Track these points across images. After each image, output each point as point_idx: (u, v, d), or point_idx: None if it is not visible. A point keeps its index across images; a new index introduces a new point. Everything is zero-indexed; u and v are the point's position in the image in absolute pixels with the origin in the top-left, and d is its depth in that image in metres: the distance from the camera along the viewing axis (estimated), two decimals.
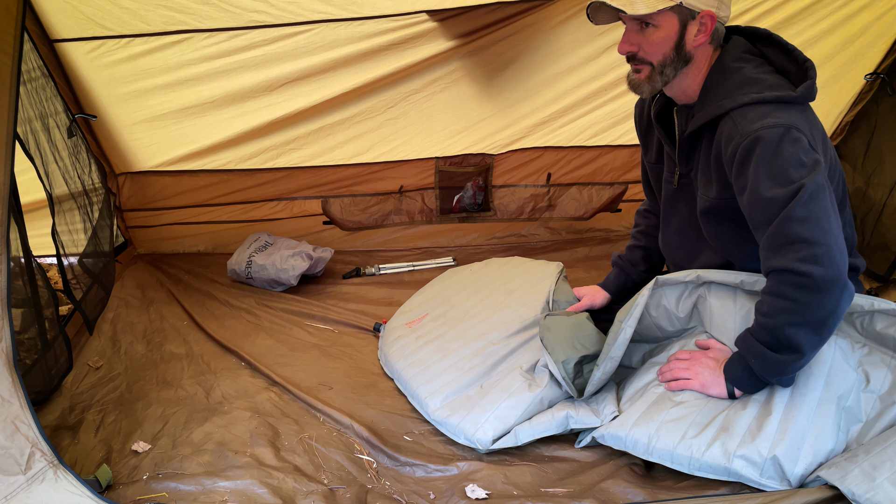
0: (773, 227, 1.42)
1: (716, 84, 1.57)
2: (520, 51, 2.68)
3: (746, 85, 1.51)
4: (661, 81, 1.59)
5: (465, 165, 3.10)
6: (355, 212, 3.16)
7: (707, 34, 1.54)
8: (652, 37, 1.54)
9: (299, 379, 2.04)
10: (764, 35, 1.61)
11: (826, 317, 1.41)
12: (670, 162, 1.77)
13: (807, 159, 1.40)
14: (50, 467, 1.40)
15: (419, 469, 1.64)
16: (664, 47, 1.54)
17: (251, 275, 2.76)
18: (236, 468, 1.62)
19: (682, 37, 1.54)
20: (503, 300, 2.19)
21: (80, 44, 2.39)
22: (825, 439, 1.42)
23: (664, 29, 1.52)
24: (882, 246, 2.57)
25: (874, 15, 2.53)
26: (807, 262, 1.37)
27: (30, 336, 1.85)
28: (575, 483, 1.55)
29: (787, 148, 1.40)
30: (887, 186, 2.59)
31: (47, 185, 2.13)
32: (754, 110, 1.46)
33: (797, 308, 1.41)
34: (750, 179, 1.45)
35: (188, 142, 2.81)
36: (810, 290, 1.38)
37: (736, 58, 1.56)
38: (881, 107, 2.71)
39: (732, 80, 1.54)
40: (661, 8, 1.48)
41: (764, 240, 1.46)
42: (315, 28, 2.43)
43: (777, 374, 1.48)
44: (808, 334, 1.42)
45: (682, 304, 1.75)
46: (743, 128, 1.46)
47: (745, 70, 1.54)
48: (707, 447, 1.46)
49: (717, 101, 1.54)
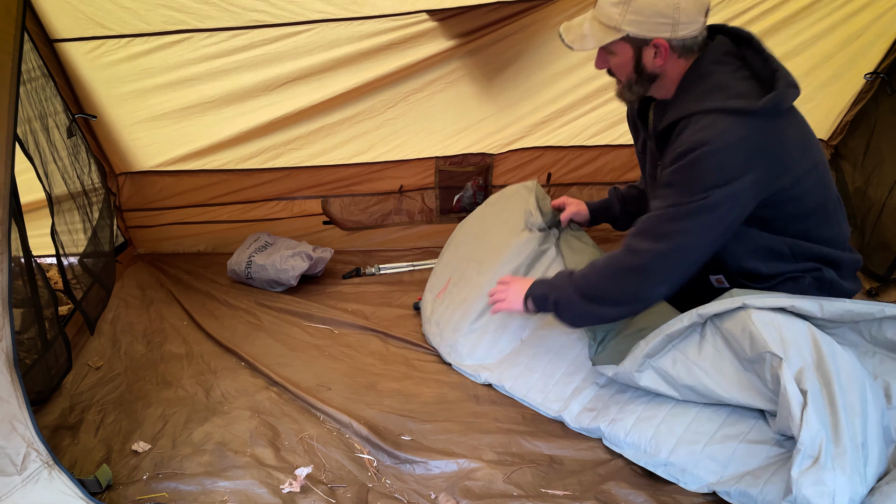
0: (652, 215, 1.60)
1: (689, 87, 1.62)
2: (520, 50, 2.67)
3: (714, 91, 1.56)
4: (633, 95, 1.71)
5: (466, 165, 3.10)
6: (355, 212, 3.16)
7: (664, 58, 1.61)
8: (613, 60, 1.67)
9: (299, 379, 2.04)
10: (745, 38, 1.64)
11: (624, 301, 1.66)
12: (652, 155, 1.83)
13: (717, 180, 1.49)
14: (45, 467, 1.40)
15: (419, 467, 1.64)
16: (625, 70, 1.67)
17: (251, 275, 2.75)
18: (236, 468, 1.62)
19: (639, 61, 1.63)
20: (500, 239, 2.25)
21: (80, 44, 2.39)
22: (882, 463, 1.36)
23: (620, 56, 1.64)
24: (882, 246, 2.57)
25: (874, 14, 2.53)
26: (648, 253, 1.59)
27: (30, 336, 1.85)
28: (576, 483, 1.55)
29: (706, 166, 1.50)
30: (887, 186, 2.58)
31: (46, 185, 2.13)
32: (708, 119, 1.53)
33: (614, 279, 1.66)
34: (666, 177, 1.58)
35: (188, 142, 2.81)
36: (633, 272, 1.62)
37: (713, 60, 1.60)
38: (881, 106, 2.71)
39: (703, 85, 1.59)
40: (607, 42, 1.59)
41: (641, 218, 1.64)
42: (315, 28, 2.43)
43: (561, 313, 1.76)
44: (606, 304, 1.67)
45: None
46: (688, 136, 1.55)
47: (716, 75, 1.58)
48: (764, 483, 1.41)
49: (685, 104, 1.60)
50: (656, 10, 1.53)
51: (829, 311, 1.47)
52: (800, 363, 1.37)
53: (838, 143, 2.94)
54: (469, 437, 1.74)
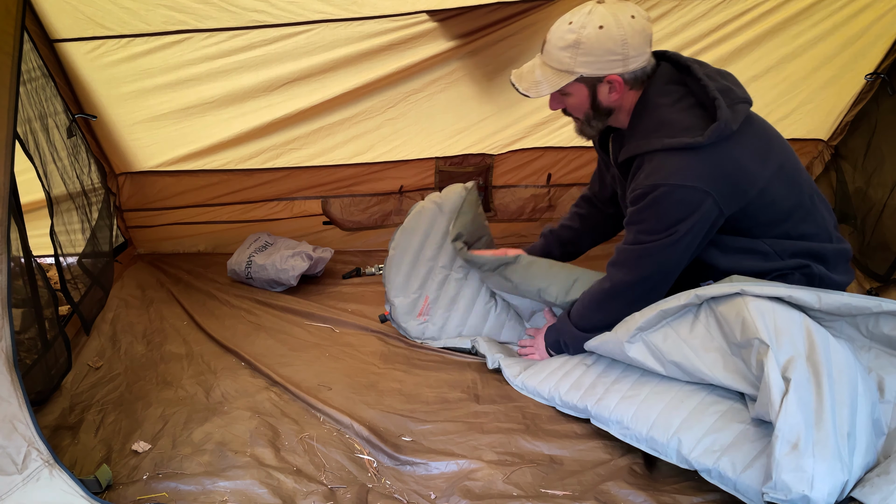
0: (625, 248, 1.74)
1: (639, 120, 1.68)
2: (520, 51, 2.67)
3: (660, 128, 1.62)
4: (591, 131, 1.78)
5: (466, 165, 3.10)
6: (355, 212, 3.16)
7: (619, 92, 1.65)
8: (568, 101, 1.72)
9: (299, 379, 2.04)
10: (684, 66, 1.68)
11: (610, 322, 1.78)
12: (620, 182, 1.86)
13: (677, 216, 1.60)
14: (45, 466, 1.40)
15: (420, 468, 1.64)
16: (582, 108, 1.72)
17: (251, 275, 2.75)
18: (236, 468, 1.62)
19: (594, 98, 1.68)
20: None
21: (80, 44, 2.39)
22: (870, 454, 1.37)
23: (576, 96, 1.69)
24: (882, 246, 2.57)
25: (874, 15, 2.53)
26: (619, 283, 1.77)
27: (30, 336, 1.85)
28: (576, 483, 1.55)
29: (664, 206, 1.60)
30: (887, 186, 2.58)
31: (46, 185, 2.13)
32: (657, 159, 1.61)
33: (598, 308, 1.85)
34: (630, 216, 1.70)
35: (188, 142, 2.81)
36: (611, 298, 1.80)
37: (658, 91, 1.65)
38: (881, 107, 2.70)
39: (651, 120, 1.65)
40: (562, 86, 1.64)
41: (616, 251, 1.78)
42: (315, 28, 2.43)
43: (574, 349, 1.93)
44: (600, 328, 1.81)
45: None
46: (642, 179, 1.63)
47: (662, 109, 1.64)
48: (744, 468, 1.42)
49: (638, 140, 1.66)
50: (606, 49, 1.58)
51: (827, 303, 1.50)
52: (791, 352, 1.39)
53: (838, 144, 2.94)
54: (469, 437, 1.74)
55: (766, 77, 2.73)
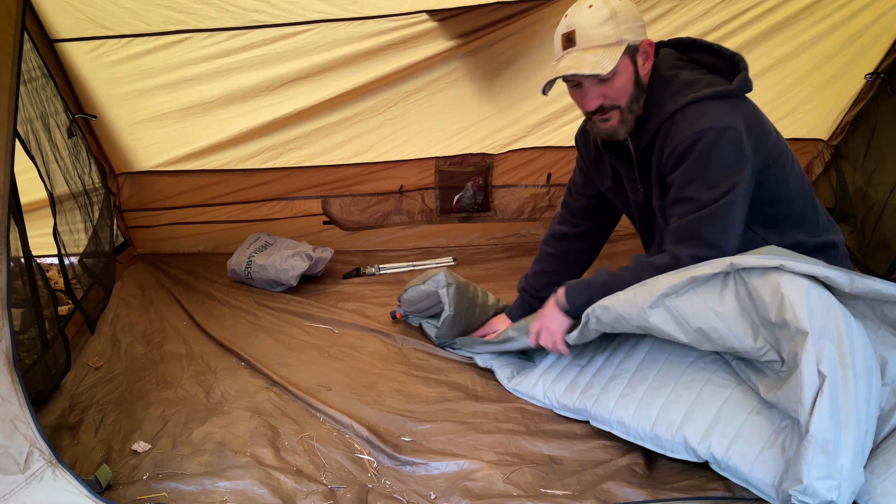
0: (686, 221, 1.57)
1: (657, 94, 1.64)
2: (520, 51, 2.68)
3: (685, 87, 1.59)
4: (632, 118, 1.66)
5: (465, 165, 3.10)
6: (355, 212, 3.16)
7: (651, 58, 1.64)
8: (615, 83, 1.61)
9: (299, 379, 2.04)
10: (687, 42, 1.69)
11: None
12: (632, 182, 1.81)
13: (734, 164, 1.51)
14: (48, 467, 1.40)
15: (420, 468, 1.64)
16: (627, 88, 1.63)
17: (251, 275, 2.76)
18: (236, 468, 1.62)
19: (636, 71, 1.63)
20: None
21: (80, 44, 2.39)
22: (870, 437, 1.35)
23: (623, 73, 1.61)
24: (882, 246, 2.57)
25: (874, 15, 2.54)
26: (696, 259, 1.53)
27: (30, 336, 1.85)
28: (575, 483, 1.55)
29: (718, 151, 1.51)
30: (888, 186, 2.58)
31: (48, 184, 2.13)
32: (693, 110, 1.55)
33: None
34: (678, 178, 1.57)
35: (188, 142, 2.81)
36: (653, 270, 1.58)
37: (669, 66, 1.65)
38: (881, 106, 2.71)
39: (671, 86, 1.62)
40: (619, 56, 1.56)
41: (673, 226, 1.61)
42: (315, 28, 2.43)
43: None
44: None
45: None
46: (682, 131, 1.55)
47: (681, 74, 1.62)
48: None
49: (662, 108, 1.61)
50: (635, 15, 1.60)
51: (858, 287, 1.42)
52: (823, 340, 1.34)
53: (838, 144, 2.94)
54: (469, 437, 1.74)
55: (766, 76, 2.73)
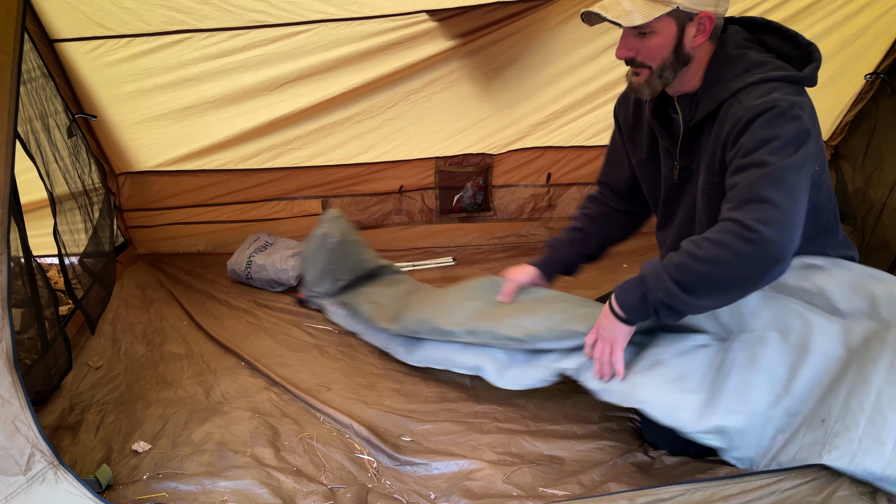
0: (746, 184, 1.39)
1: (720, 71, 1.54)
2: (520, 50, 2.68)
3: (754, 67, 1.50)
4: (661, 84, 1.57)
5: (465, 165, 3.10)
6: (355, 212, 3.16)
7: (706, 34, 1.52)
8: (649, 42, 1.51)
9: (299, 379, 2.04)
10: (762, 23, 1.59)
11: (747, 282, 1.40)
12: (668, 156, 1.73)
13: (802, 135, 1.40)
14: (50, 468, 1.40)
15: (420, 468, 1.64)
16: (662, 52, 1.52)
17: (251, 275, 2.76)
18: (236, 468, 1.62)
19: (680, 40, 1.51)
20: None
21: (80, 44, 2.39)
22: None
23: (661, 35, 1.49)
24: (882, 246, 2.57)
25: (874, 15, 2.54)
26: (762, 222, 1.34)
27: (30, 336, 1.85)
28: (575, 483, 1.55)
29: (786, 121, 1.40)
30: (887, 186, 2.59)
31: (48, 184, 2.13)
32: (760, 88, 1.46)
33: (731, 262, 1.36)
34: (742, 146, 1.43)
35: (188, 142, 2.81)
36: (752, 247, 1.34)
37: (737, 45, 1.54)
38: (881, 107, 2.71)
39: (738, 64, 1.52)
40: (656, 16, 1.45)
41: (731, 194, 1.43)
42: (315, 28, 2.43)
43: (670, 314, 1.46)
44: (722, 292, 1.42)
45: None
46: (747, 104, 1.45)
47: (749, 54, 1.52)
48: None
49: (724, 85, 1.51)
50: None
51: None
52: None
53: (838, 144, 2.94)
54: (469, 437, 1.75)
55: None
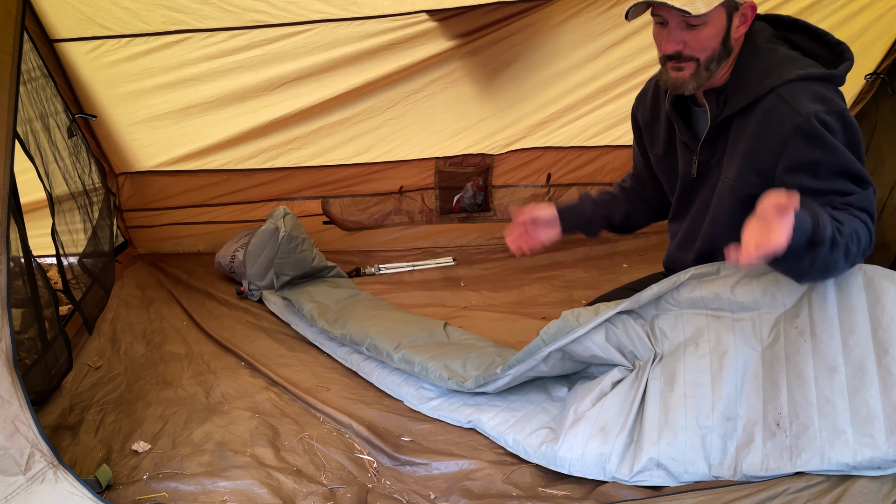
0: (856, 196, 1.50)
1: (751, 65, 1.54)
2: (520, 51, 2.68)
3: (788, 63, 1.50)
4: (707, 76, 1.55)
5: (465, 165, 3.10)
6: (355, 212, 3.16)
7: (748, 24, 1.52)
8: (701, 33, 1.49)
9: (298, 379, 2.04)
10: (789, 21, 1.60)
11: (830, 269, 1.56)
12: (686, 151, 1.71)
13: (859, 143, 1.47)
14: (50, 468, 1.40)
15: (420, 468, 1.64)
16: (713, 43, 1.51)
17: (233, 268, 2.77)
18: (236, 468, 1.62)
19: (728, 30, 1.51)
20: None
21: (80, 44, 2.39)
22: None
23: (713, 25, 1.49)
24: (882, 246, 2.57)
25: (874, 15, 2.54)
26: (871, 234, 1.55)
27: (30, 336, 1.85)
28: (575, 484, 1.55)
29: (851, 132, 1.46)
30: (887, 186, 2.59)
31: (47, 184, 2.13)
32: (804, 88, 1.46)
33: (847, 266, 1.58)
34: (827, 156, 1.45)
35: (188, 142, 2.81)
36: (861, 259, 1.58)
37: (767, 39, 1.55)
38: (881, 107, 2.71)
39: (770, 59, 1.52)
40: (717, 4, 1.44)
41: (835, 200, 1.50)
42: (315, 28, 2.43)
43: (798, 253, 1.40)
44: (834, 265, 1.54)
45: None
46: (800, 107, 1.44)
47: (780, 50, 1.53)
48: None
49: (758, 81, 1.51)
50: None
51: (644, 299, 1.64)
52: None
53: None
54: (469, 437, 1.74)
55: None
